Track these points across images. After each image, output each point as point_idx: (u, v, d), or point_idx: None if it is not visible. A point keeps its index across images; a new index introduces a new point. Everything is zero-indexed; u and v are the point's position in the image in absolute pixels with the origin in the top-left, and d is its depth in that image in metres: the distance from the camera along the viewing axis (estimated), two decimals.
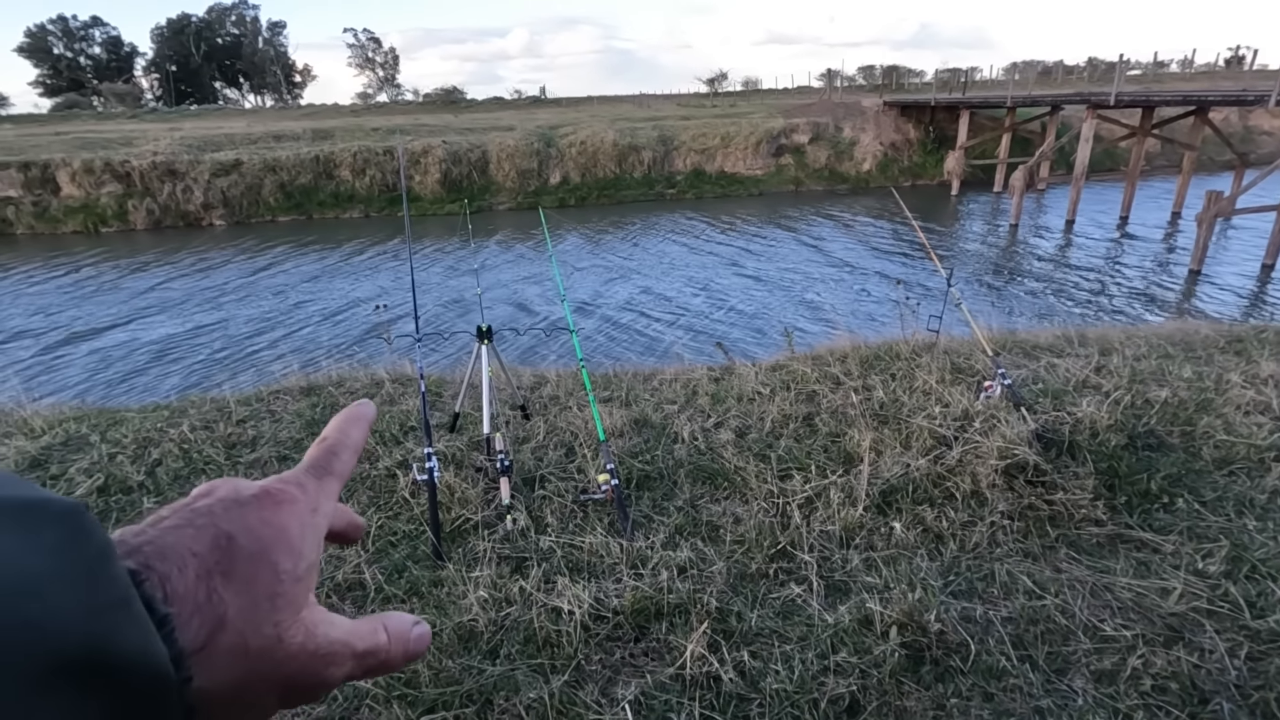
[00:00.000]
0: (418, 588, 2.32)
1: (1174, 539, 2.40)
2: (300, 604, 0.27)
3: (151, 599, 0.23)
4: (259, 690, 0.26)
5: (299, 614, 0.27)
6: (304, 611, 0.27)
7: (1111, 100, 17.81)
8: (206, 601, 0.24)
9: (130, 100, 52.58)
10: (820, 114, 27.43)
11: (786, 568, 2.37)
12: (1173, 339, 4.33)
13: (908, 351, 4.07)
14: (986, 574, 2.30)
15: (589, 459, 3.05)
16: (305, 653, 0.26)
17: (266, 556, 0.26)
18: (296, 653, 0.26)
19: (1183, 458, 2.87)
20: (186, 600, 0.24)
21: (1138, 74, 40.41)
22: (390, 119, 31.72)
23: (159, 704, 0.21)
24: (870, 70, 53.97)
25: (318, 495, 0.30)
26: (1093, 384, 3.55)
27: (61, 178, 21.66)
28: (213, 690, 0.24)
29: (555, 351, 8.35)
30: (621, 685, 1.90)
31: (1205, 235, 13.16)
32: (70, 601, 0.20)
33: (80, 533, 0.21)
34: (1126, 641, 1.97)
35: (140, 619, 0.21)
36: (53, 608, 0.19)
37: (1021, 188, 17.93)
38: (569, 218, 21.01)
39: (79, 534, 0.21)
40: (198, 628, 0.24)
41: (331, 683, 0.28)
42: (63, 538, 0.21)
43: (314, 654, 0.27)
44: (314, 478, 0.31)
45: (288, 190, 22.60)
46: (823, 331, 8.96)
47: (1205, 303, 12.21)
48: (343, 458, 0.33)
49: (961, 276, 13.74)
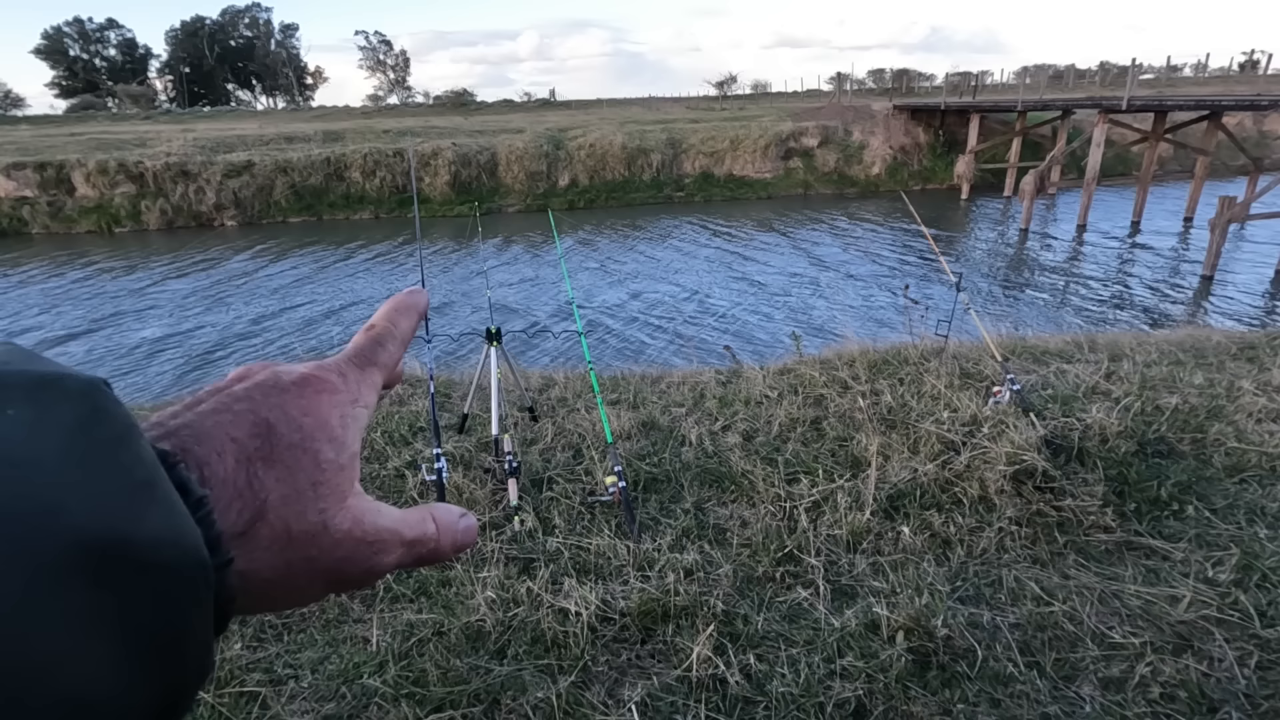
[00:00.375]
0: (426, 587, 2.33)
1: (1184, 547, 2.39)
2: (345, 492, 0.26)
3: (186, 481, 0.21)
4: (305, 576, 0.25)
5: (344, 502, 0.26)
6: (349, 500, 0.26)
7: (1124, 105, 17.71)
8: (247, 487, 0.24)
9: (144, 102, 53.12)
10: (829, 117, 27.39)
11: (793, 571, 2.37)
12: (1184, 345, 4.30)
13: (916, 356, 4.06)
14: (994, 580, 2.30)
15: (596, 461, 3.06)
16: (352, 539, 0.26)
17: (308, 445, 0.25)
18: (343, 539, 0.26)
19: (1193, 465, 2.85)
20: (226, 485, 0.23)
21: (1150, 78, 40.13)
22: (401, 121, 31.91)
23: (193, 588, 0.20)
24: (880, 74, 53.88)
25: (359, 386, 0.29)
26: (1103, 390, 3.53)
27: (76, 178, 21.90)
28: (257, 575, 0.23)
29: (564, 354, 8.37)
30: (628, 687, 1.91)
31: (1218, 241, 13.05)
32: (88, 483, 0.18)
33: (99, 411, 0.20)
34: (1135, 649, 1.96)
35: (168, 501, 0.20)
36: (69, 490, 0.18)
37: (1032, 192, 17.85)
38: (578, 220, 21.07)
39: (98, 412, 0.20)
40: (238, 512, 0.23)
41: (381, 569, 0.27)
42: (80, 415, 0.20)
43: (361, 540, 0.26)
44: (356, 367, 0.29)
45: (298, 191, 22.76)
46: (830, 336, 8.95)
47: (1217, 309, 12.11)
48: (389, 348, 0.31)
49: (971, 281, 13.69)
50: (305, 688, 1.94)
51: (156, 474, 0.20)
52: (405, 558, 0.28)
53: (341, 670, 1.98)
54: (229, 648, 2.06)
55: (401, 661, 1.98)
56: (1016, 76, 34.61)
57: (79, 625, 0.17)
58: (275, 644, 2.12)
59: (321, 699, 1.90)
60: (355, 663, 2.00)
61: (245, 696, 1.90)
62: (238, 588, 0.22)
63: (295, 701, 1.89)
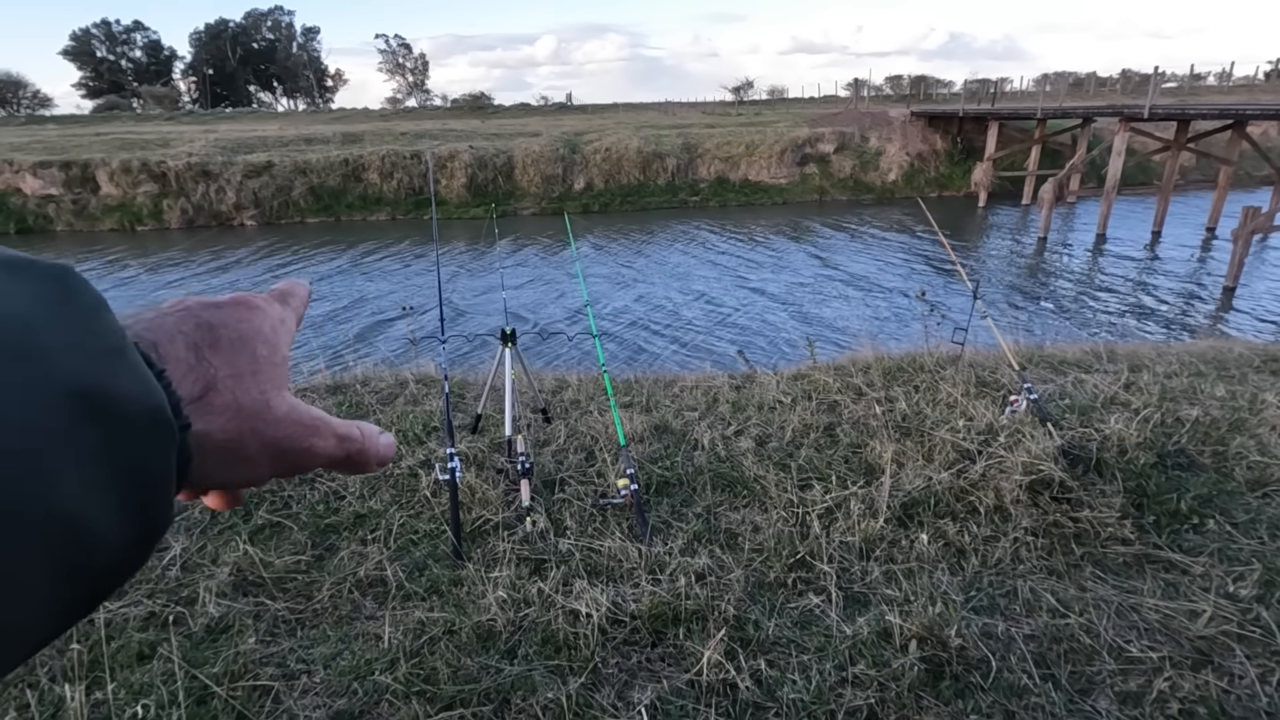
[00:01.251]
0: (438, 586, 2.34)
1: (1204, 561, 2.35)
2: (281, 384, 0.29)
3: (148, 356, 0.24)
4: (253, 445, 0.28)
5: (281, 391, 0.29)
6: (285, 392, 0.29)
7: (1145, 113, 17.51)
8: (198, 364, 0.27)
9: (168, 103, 53.95)
10: (846, 124, 27.30)
11: (805, 577, 2.36)
12: (1205, 357, 4.24)
13: (932, 363, 4.03)
14: (1009, 590, 2.27)
15: (609, 464, 3.06)
16: (291, 420, 0.29)
17: (245, 341, 0.29)
18: (283, 418, 0.29)
19: (1214, 478, 2.81)
20: (180, 363, 0.26)
21: (1173, 86, 39.68)
22: (419, 124, 32.17)
23: (160, 441, 0.23)
24: (898, 80, 53.62)
25: (283, 310, 0.33)
26: (1122, 401, 3.49)
27: (100, 177, 22.28)
28: (210, 437, 0.26)
29: (577, 356, 8.39)
30: (638, 690, 1.91)
31: (1241, 252, 12.86)
32: (71, 342, 0.21)
33: (72, 288, 0.23)
34: (1153, 663, 1.93)
35: (137, 365, 0.23)
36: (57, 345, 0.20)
37: (1051, 200, 17.68)
38: (593, 223, 21.13)
39: (71, 289, 0.22)
40: (192, 383, 0.26)
41: (316, 453, 0.30)
42: (56, 291, 0.22)
43: (298, 422, 0.29)
44: (277, 300, 0.34)
45: (317, 192, 23.01)
46: (844, 341, 8.90)
47: (1240, 321, 11.92)
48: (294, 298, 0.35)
49: (988, 289, 13.57)
50: (317, 683, 1.95)
51: (126, 342, 0.23)
52: (336, 450, 0.31)
53: (353, 666, 1.99)
54: (243, 642, 2.08)
55: (413, 659, 1.99)
56: (1036, 84, 34.34)
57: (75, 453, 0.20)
58: (288, 639, 2.14)
59: (333, 694, 1.91)
60: (367, 659, 2.01)
61: (259, 690, 1.91)
62: (195, 448, 0.25)
63: (307, 696, 1.91)
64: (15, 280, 0.21)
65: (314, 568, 2.46)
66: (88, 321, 0.22)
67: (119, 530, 0.21)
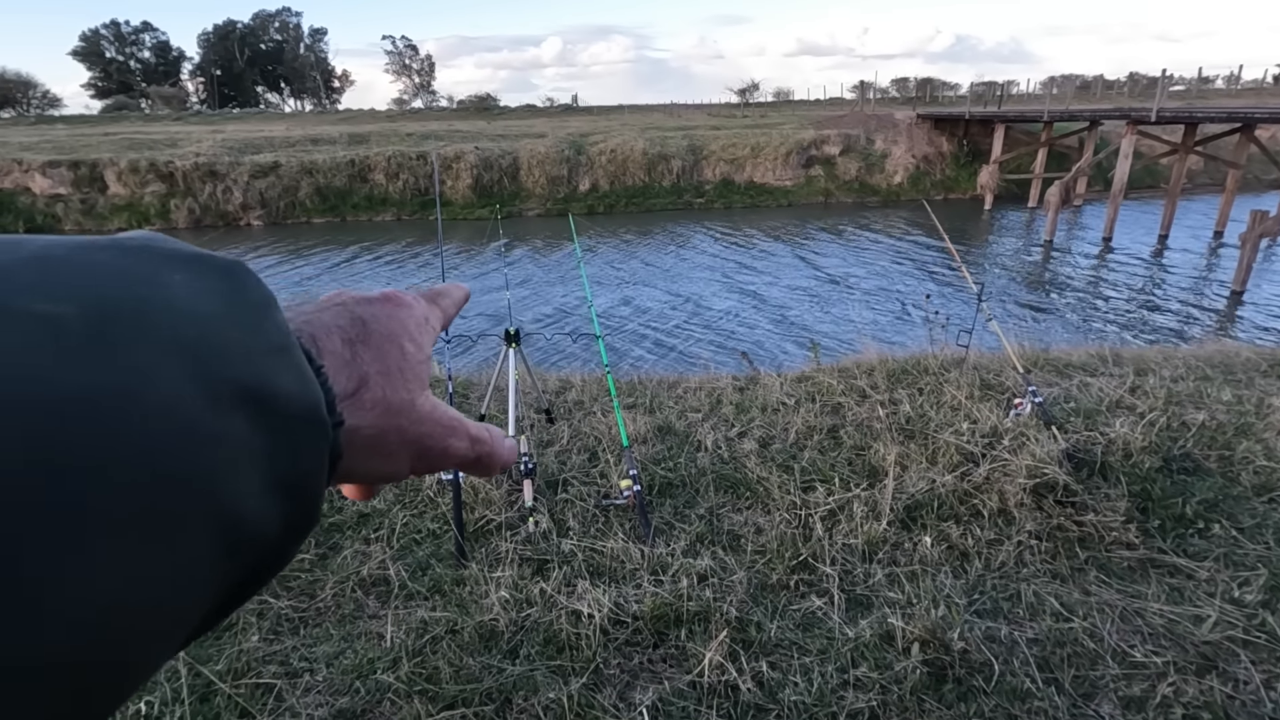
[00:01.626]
0: (440, 585, 2.35)
1: (1209, 565, 2.34)
2: (424, 382, 0.30)
3: (309, 352, 0.25)
4: (397, 441, 0.28)
5: (424, 389, 0.30)
6: (426, 391, 0.30)
7: (1153, 116, 17.44)
8: (352, 360, 0.27)
9: (176, 103, 54.25)
10: (852, 126, 27.27)
11: (807, 580, 2.35)
12: (1212, 361, 4.22)
13: (936, 366, 4.02)
14: (1012, 594, 2.26)
15: (612, 464, 3.06)
16: (432, 419, 0.30)
17: (394, 339, 0.29)
18: (425, 417, 0.29)
19: (1220, 483, 2.79)
20: (336, 357, 0.27)
21: (1181, 90, 39.48)
22: (425, 125, 32.27)
23: (316, 438, 0.23)
24: (904, 83, 53.58)
25: (430, 309, 0.34)
26: (1127, 404, 3.47)
27: (109, 177, 22.40)
28: (359, 433, 0.26)
29: (580, 357, 8.39)
30: (639, 690, 1.91)
31: (1249, 256, 12.79)
32: (241, 340, 0.21)
33: (244, 284, 0.23)
34: (1157, 668, 1.92)
35: (300, 363, 0.23)
36: (228, 342, 0.21)
37: (1057, 204, 17.62)
38: (598, 225, 21.15)
39: (242, 284, 0.23)
40: (347, 379, 0.27)
41: (453, 453, 0.31)
42: (228, 287, 0.23)
43: (439, 421, 0.30)
44: (425, 300, 0.34)
45: (323, 192, 23.10)
46: (848, 344, 8.88)
47: (1247, 325, 11.86)
48: (446, 298, 0.36)
49: (993, 292, 13.53)
50: (320, 681, 1.96)
51: (291, 340, 0.23)
52: (469, 452, 0.31)
53: (356, 665, 1.99)
54: (246, 640, 2.09)
55: (415, 658, 2.00)
56: (1043, 87, 34.26)
57: (239, 454, 0.20)
58: (292, 637, 2.14)
59: (336, 693, 1.92)
60: (369, 658, 2.01)
61: (261, 688, 1.92)
62: (345, 445, 0.25)
63: (310, 695, 1.91)
64: (190, 276, 0.22)
65: (317, 566, 2.47)
66: (257, 319, 0.22)
67: (274, 526, 0.21)
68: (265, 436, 0.21)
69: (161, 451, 0.18)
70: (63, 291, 0.19)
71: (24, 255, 0.19)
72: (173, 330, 0.20)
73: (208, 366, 0.20)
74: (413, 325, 0.31)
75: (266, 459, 0.21)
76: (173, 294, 0.21)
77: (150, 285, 0.21)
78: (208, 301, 0.21)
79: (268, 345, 0.22)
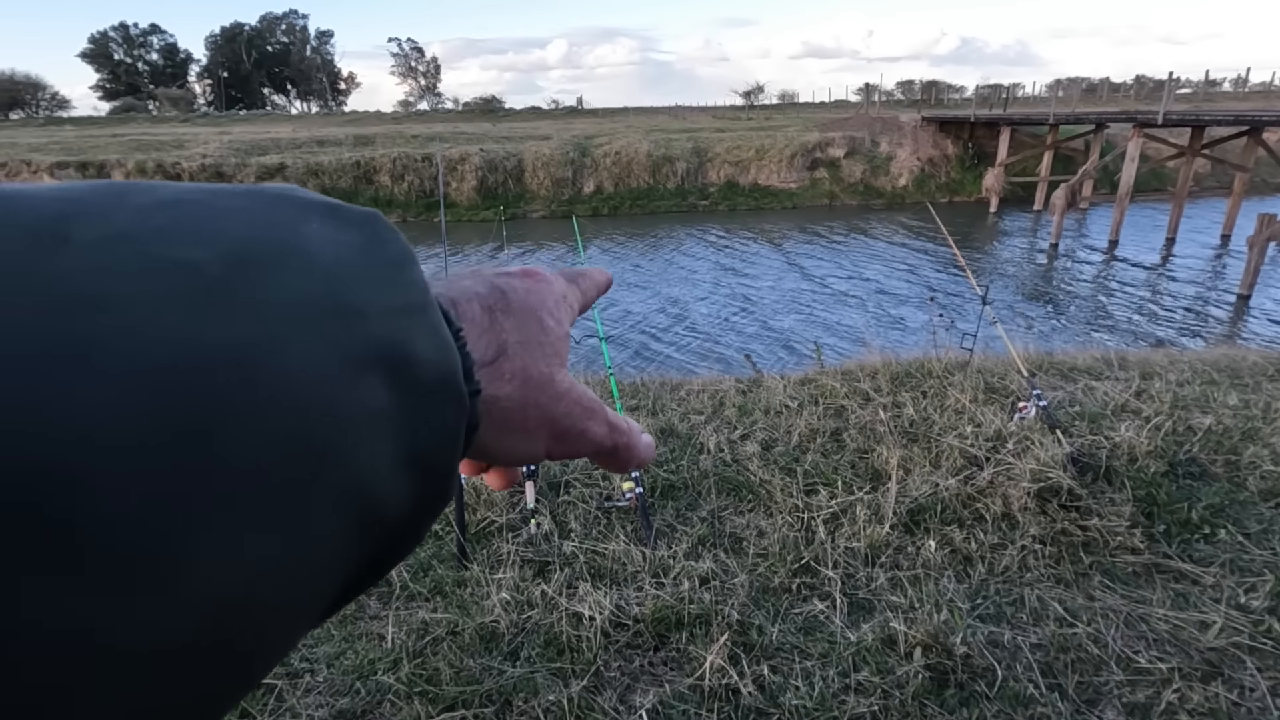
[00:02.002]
0: (442, 586, 2.35)
1: (1215, 571, 2.32)
2: (563, 359, 0.28)
3: (448, 313, 0.23)
4: (536, 418, 0.27)
5: (563, 365, 0.28)
6: (566, 369, 0.29)
7: (1159, 119, 17.39)
8: (491, 327, 0.26)
9: (183, 105, 54.57)
10: (857, 128, 27.26)
11: (809, 583, 2.35)
12: (1218, 365, 4.19)
13: (940, 369, 4.01)
14: (1016, 599, 2.25)
15: None
16: (571, 398, 0.28)
17: (534, 311, 0.28)
18: (565, 395, 0.28)
19: (1226, 488, 2.78)
20: (476, 323, 0.26)
21: (1188, 93, 39.36)
22: (430, 126, 32.38)
23: (453, 406, 0.21)
24: (909, 85, 53.53)
25: (568, 287, 0.32)
26: (1132, 408, 3.45)
27: (116, 178, 22.44)
28: (497, 403, 0.25)
29: (583, 359, 8.39)
30: (640, 693, 1.90)
31: (1256, 259, 12.72)
32: (377, 298, 0.20)
33: (380, 236, 0.22)
34: (1162, 674, 1.91)
35: (438, 325, 0.22)
36: (364, 300, 0.20)
37: (1063, 206, 17.57)
38: (602, 227, 21.17)
39: (380, 237, 0.22)
40: (485, 346, 0.25)
41: (590, 436, 0.29)
42: (366, 238, 0.21)
43: (578, 401, 0.28)
44: (564, 278, 0.33)
45: (329, 194, 22.89)
46: (852, 346, 8.87)
47: (1254, 329, 11.80)
48: (586, 280, 0.34)
49: (998, 295, 13.48)
50: (320, 681, 1.96)
51: (429, 300, 0.22)
52: (606, 439, 0.30)
53: (356, 666, 1.99)
54: None
55: (415, 659, 2.00)
56: (1049, 89, 34.15)
57: (373, 420, 0.19)
58: None
59: (336, 693, 1.92)
60: (370, 659, 2.01)
61: (262, 688, 1.92)
62: (481, 414, 0.24)
63: (310, 695, 1.91)
64: (328, 226, 0.21)
65: None
66: (395, 275, 0.21)
67: (406, 498, 0.20)
68: (399, 403, 0.19)
69: (298, 417, 0.17)
70: (202, 237, 0.17)
71: (162, 198, 0.18)
72: (311, 283, 0.19)
73: (346, 324, 0.19)
74: (551, 301, 0.29)
75: (401, 427, 0.20)
76: (311, 244, 0.20)
77: (290, 232, 0.19)
78: (346, 254, 0.20)
79: (405, 304, 0.21)
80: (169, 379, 0.15)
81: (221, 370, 0.16)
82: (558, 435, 0.28)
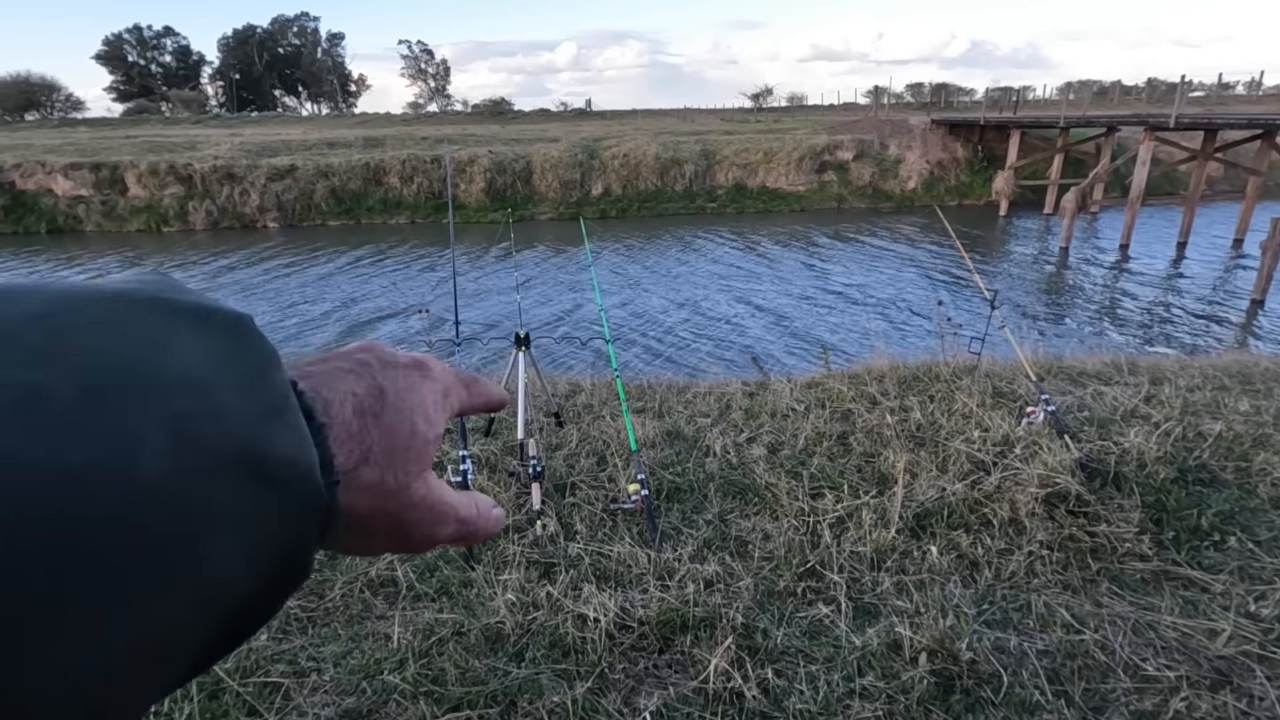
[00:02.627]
0: (448, 587, 2.36)
1: (1224, 579, 2.30)
2: (425, 465, 0.29)
3: (312, 408, 0.25)
4: (383, 525, 0.28)
5: (424, 472, 0.29)
6: (426, 473, 0.29)
7: (1171, 122, 17.25)
8: (360, 433, 0.27)
9: (196, 106, 54.98)
10: (865, 131, 27.18)
11: (815, 587, 2.34)
12: (1229, 370, 4.16)
13: (947, 373, 3.99)
14: (1022, 604, 2.24)
15: (620, 468, 3.06)
16: (424, 505, 0.29)
17: (408, 415, 0.29)
18: (418, 503, 0.29)
19: (1237, 494, 2.75)
20: (344, 426, 0.26)
21: (1200, 95, 39.02)
22: (439, 128, 32.51)
23: (305, 504, 0.23)
24: (919, 88, 53.31)
25: (453, 383, 0.33)
26: (1142, 414, 3.43)
27: (129, 179, 22.74)
28: (350, 509, 0.26)
29: (589, 360, 8.40)
30: (644, 696, 1.90)
31: (1269, 264, 12.60)
32: (239, 404, 0.21)
33: (246, 342, 0.23)
34: (1170, 682, 1.89)
35: (296, 426, 0.23)
36: (226, 404, 0.21)
37: (1073, 210, 17.46)
38: (609, 229, 21.19)
39: (245, 343, 0.23)
40: (349, 452, 0.26)
41: (436, 539, 0.30)
42: (232, 344, 0.23)
43: (430, 508, 0.29)
44: (454, 375, 0.33)
45: (338, 195, 23.31)
46: (859, 350, 8.84)
47: (1266, 334, 11.68)
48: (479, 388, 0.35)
49: (1007, 299, 13.40)
50: (327, 681, 1.97)
51: (289, 403, 0.23)
52: (455, 534, 0.31)
53: (363, 665, 2.01)
54: (256, 639, 2.10)
55: (421, 660, 2.00)
56: (1060, 92, 33.98)
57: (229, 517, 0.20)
58: (300, 636, 2.16)
59: (342, 693, 1.93)
60: (376, 659, 2.02)
61: (269, 687, 1.94)
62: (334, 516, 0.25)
63: (317, 694, 1.93)
64: (192, 335, 0.22)
65: (326, 566, 2.49)
66: (257, 380, 0.22)
67: (258, 584, 0.22)
68: (257, 497, 0.21)
69: (142, 524, 0.18)
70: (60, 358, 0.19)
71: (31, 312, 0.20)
72: (165, 398, 0.20)
73: (199, 434, 0.20)
74: (430, 401, 0.30)
75: (256, 520, 0.21)
76: (170, 359, 0.21)
77: (152, 347, 0.21)
78: (206, 363, 0.21)
79: (265, 409, 0.22)
80: (5, 492, 0.16)
81: (60, 483, 0.17)
82: (401, 540, 0.29)
